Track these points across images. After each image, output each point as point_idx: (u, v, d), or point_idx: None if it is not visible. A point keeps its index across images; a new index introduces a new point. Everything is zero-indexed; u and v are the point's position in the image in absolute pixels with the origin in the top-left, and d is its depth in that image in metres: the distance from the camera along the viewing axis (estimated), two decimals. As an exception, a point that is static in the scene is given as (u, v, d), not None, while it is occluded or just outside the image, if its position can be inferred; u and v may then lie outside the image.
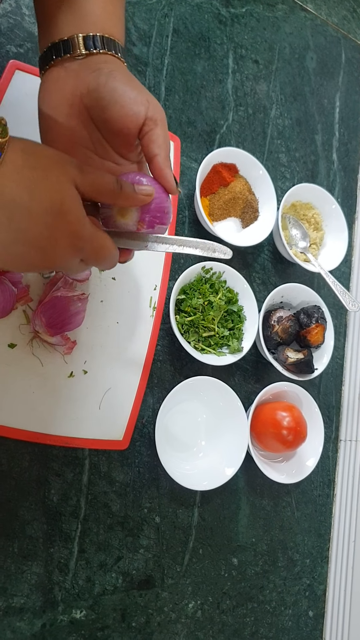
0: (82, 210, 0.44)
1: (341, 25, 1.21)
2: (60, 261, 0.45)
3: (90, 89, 0.48)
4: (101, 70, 0.48)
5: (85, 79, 0.48)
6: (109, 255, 0.49)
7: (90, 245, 0.46)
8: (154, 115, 0.48)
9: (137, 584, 0.77)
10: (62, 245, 0.44)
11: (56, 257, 0.44)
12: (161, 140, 0.49)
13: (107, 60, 0.49)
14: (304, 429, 0.85)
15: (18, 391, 0.68)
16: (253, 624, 0.88)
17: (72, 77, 0.49)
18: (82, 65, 0.49)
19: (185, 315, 0.83)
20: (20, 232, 0.41)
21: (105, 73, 0.48)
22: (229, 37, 1.01)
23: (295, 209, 1.01)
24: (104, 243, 0.47)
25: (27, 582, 0.69)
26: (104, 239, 0.48)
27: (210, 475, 0.81)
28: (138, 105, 0.48)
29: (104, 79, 0.47)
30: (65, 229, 0.43)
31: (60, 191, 0.42)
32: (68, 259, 0.45)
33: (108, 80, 0.47)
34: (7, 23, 0.77)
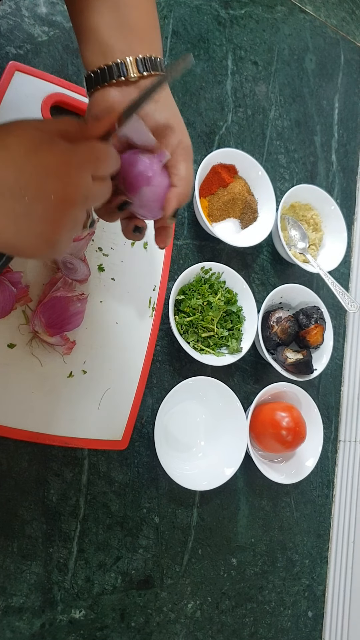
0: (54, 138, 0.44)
1: (340, 26, 1.21)
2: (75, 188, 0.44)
3: (140, 115, 0.52)
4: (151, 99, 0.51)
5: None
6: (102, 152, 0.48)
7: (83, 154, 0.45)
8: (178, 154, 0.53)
9: (136, 584, 0.77)
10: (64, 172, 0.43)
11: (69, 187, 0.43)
12: (183, 174, 0.54)
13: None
14: (303, 430, 0.85)
15: (17, 391, 0.68)
16: (252, 625, 0.88)
17: (127, 99, 0.51)
18: (137, 89, 0.52)
19: (184, 315, 0.83)
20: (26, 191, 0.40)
21: (154, 102, 0.52)
22: (228, 38, 1.01)
23: (294, 210, 1.01)
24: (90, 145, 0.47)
25: (26, 581, 0.69)
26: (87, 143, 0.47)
27: (209, 476, 0.81)
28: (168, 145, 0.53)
29: (152, 110, 0.52)
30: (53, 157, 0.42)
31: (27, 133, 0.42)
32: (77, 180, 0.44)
33: (155, 113, 0.53)
34: (7, 24, 0.77)
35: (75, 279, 0.73)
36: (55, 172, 0.42)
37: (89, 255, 0.76)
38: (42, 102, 0.75)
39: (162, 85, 0.51)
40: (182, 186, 0.54)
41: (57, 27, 0.81)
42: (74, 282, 0.73)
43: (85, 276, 0.74)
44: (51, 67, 0.80)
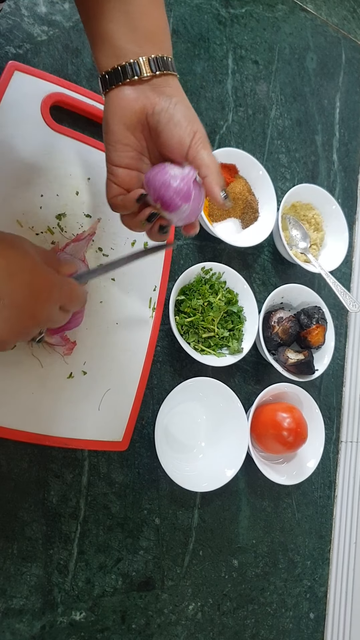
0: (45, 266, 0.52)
1: (341, 25, 1.21)
2: (45, 313, 0.52)
3: (156, 111, 0.54)
4: (165, 95, 0.55)
5: (153, 100, 0.55)
6: (78, 294, 0.58)
7: (63, 289, 0.55)
8: (196, 144, 0.54)
9: (137, 585, 0.77)
10: (43, 298, 0.51)
11: (41, 311, 0.51)
12: (207, 161, 0.55)
13: (169, 83, 0.55)
14: (305, 430, 0.85)
15: (18, 392, 0.68)
16: (254, 626, 0.88)
17: (142, 97, 0.55)
18: (150, 86, 0.55)
19: (184, 316, 0.83)
20: (6, 297, 0.47)
21: (168, 98, 0.54)
22: (228, 37, 1.01)
23: (295, 210, 1.01)
24: (72, 285, 0.57)
25: (26, 583, 0.69)
26: (70, 282, 0.58)
27: (210, 477, 0.81)
28: (185, 137, 0.54)
29: (167, 104, 0.54)
30: (41, 282, 0.50)
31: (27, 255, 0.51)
32: (51, 308, 0.53)
33: (169, 108, 0.54)
34: (7, 24, 0.77)
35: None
36: (39, 295, 0.50)
37: (89, 255, 0.76)
38: (41, 101, 0.75)
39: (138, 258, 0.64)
40: (212, 173, 0.55)
41: (57, 27, 0.81)
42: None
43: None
44: (51, 67, 0.80)
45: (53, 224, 0.73)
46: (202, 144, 0.54)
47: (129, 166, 0.57)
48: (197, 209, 0.57)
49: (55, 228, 0.74)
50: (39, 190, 0.73)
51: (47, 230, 0.73)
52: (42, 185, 0.73)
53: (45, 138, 0.75)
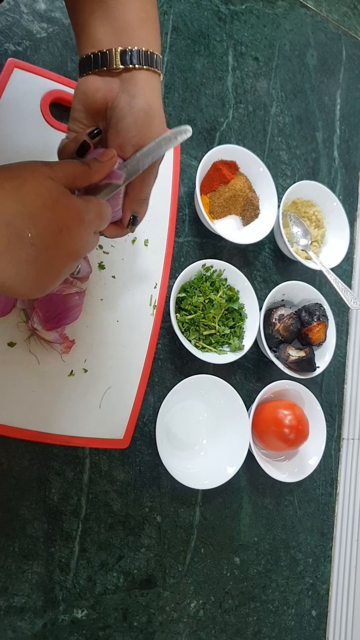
0: (68, 192, 0.48)
1: (342, 21, 1.20)
2: (82, 243, 0.48)
3: (112, 106, 0.54)
4: (127, 92, 0.53)
5: (114, 94, 0.54)
6: (106, 212, 0.54)
7: (93, 213, 0.50)
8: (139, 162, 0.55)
9: (139, 583, 0.77)
10: (76, 229, 0.47)
11: (77, 242, 0.47)
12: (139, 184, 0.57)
13: (139, 80, 0.53)
14: (306, 428, 0.85)
15: (18, 390, 0.68)
16: (255, 624, 0.87)
17: (105, 88, 0.54)
18: (120, 80, 0.54)
19: (185, 313, 0.83)
20: (36, 240, 0.43)
21: (128, 97, 0.53)
22: (228, 34, 1.00)
23: (296, 207, 1.00)
24: (98, 204, 0.52)
25: (28, 581, 0.69)
26: (96, 201, 0.52)
27: (211, 474, 0.81)
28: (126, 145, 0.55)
29: (124, 102, 0.53)
30: (69, 214, 0.46)
31: (44, 185, 0.45)
32: (87, 237, 0.49)
33: (123, 108, 0.53)
34: (6, 21, 0.77)
35: (75, 276, 0.72)
36: (68, 228, 0.46)
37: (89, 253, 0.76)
38: (41, 99, 0.75)
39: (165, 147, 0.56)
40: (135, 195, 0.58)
41: (56, 24, 0.81)
42: (75, 279, 0.72)
43: (86, 273, 0.74)
44: (50, 64, 0.79)
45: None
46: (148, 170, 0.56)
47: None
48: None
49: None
50: (38, 188, 0.73)
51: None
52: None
53: (45, 135, 0.75)
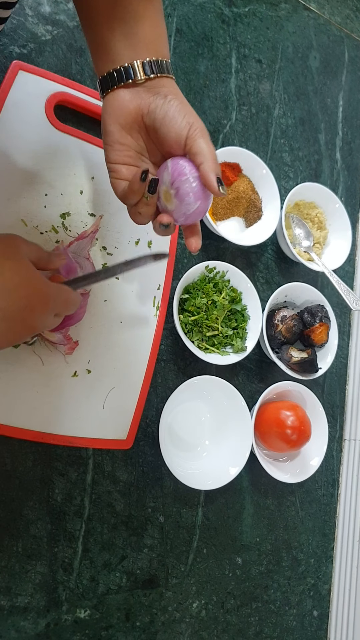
0: (40, 274, 0.52)
1: (344, 24, 1.21)
2: (40, 322, 0.53)
3: (150, 110, 0.56)
4: (159, 94, 0.56)
5: (147, 100, 0.56)
6: (73, 301, 0.59)
7: (59, 299, 0.55)
8: (193, 134, 0.55)
9: (142, 583, 0.77)
10: (39, 310, 0.51)
11: (36, 321, 0.52)
12: (204, 150, 0.55)
13: (164, 84, 0.57)
14: (308, 429, 0.85)
15: (22, 391, 0.68)
16: (257, 624, 0.88)
17: (137, 98, 0.56)
18: (144, 88, 0.56)
19: (188, 314, 0.83)
20: (4, 310, 0.48)
21: (162, 97, 0.56)
22: (232, 36, 1.01)
23: (298, 208, 1.01)
24: (67, 294, 0.57)
25: (31, 581, 0.69)
26: (66, 290, 0.57)
27: (214, 475, 0.81)
28: (181, 129, 0.55)
29: (161, 101, 0.55)
30: (37, 295, 0.51)
31: (22, 265, 0.50)
32: (45, 318, 0.54)
33: (164, 105, 0.55)
34: (11, 24, 0.77)
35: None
36: (32, 307, 0.50)
37: (93, 254, 0.76)
38: (45, 101, 0.75)
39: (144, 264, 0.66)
40: (207, 160, 0.55)
41: (61, 26, 0.81)
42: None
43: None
44: (55, 66, 0.80)
45: (57, 223, 0.74)
46: (199, 133, 0.55)
47: (128, 163, 0.58)
48: (202, 209, 0.58)
49: (60, 227, 0.74)
50: (43, 190, 0.73)
51: (52, 229, 0.73)
52: (46, 185, 0.74)
53: (50, 137, 0.75)
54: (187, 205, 0.56)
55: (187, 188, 0.56)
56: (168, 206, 0.57)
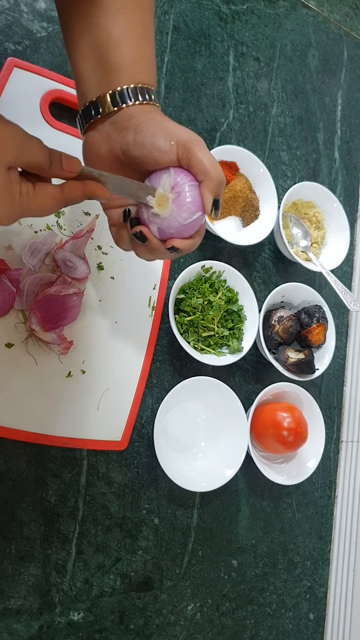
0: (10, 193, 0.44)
1: (343, 22, 1.20)
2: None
3: (123, 149, 0.51)
4: (128, 129, 0.50)
5: (117, 140, 0.51)
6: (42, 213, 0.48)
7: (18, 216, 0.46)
8: (184, 152, 0.49)
9: (136, 585, 0.77)
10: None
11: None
12: (204, 167, 0.49)
13: (135, 114, 0.51)
14: (305, 430, 0.84)
15: (16, 391, 0.68)
16: (253, 627, 0.87)
17: (105, 140, 0.52)
18: (112, 126, 0.51)
19: (184, 314, 0.83)
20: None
21: (132, 131, 0.50)
22: (229, 34, 1.00)
23: (296, 208, 1.00)
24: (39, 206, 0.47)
25: (24, 583, 0.68)
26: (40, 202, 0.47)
27: (209, 477, 0.80)
28: (167, 154, 0.50)
29: (132, 137, 0.50)
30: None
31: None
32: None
33: (135, 138, 0.50)
34: (5, 20, 0.76)
35: (74, 277, 0.72)
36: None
37: (88, 253, 0.75)
38: (40, 98, 0.74)
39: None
40: (210, 177, 0.50)
41: (56, 23, 0.80)
42: (74, 281, 0.72)
43: (85, 274, 0.74)
44: (50, 63, 0.79)
45: (52, 222, 0.73)
46: (192, 148, 0.49)
47: (121, 206, 0.55)
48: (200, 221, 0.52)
49: (54, 226, 0.73)
50: (37, 188, 0.72)
51: (46, 228, 0.72)
52: (40, 183, 0.73)
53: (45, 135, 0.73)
54: (186, 212, 0.50)
55: (192, 195, 0.50)
56: (160, 213, 0.51)
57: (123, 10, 0.51)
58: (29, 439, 0.68)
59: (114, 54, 0.51)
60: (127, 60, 0.51)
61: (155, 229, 0.52)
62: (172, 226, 0.51)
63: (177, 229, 0.51)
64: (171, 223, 0.51)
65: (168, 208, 0.50)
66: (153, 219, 0.51)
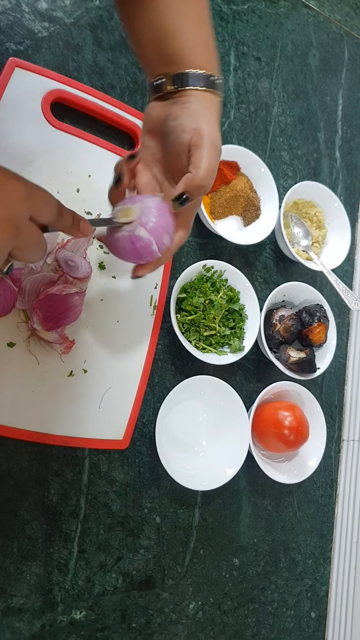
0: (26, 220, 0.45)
1: (344, 22, 1.20)
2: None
3: (166, 117, 0.57)
4: (177, 104, 0.56)
5: (169, 110, 0.57)
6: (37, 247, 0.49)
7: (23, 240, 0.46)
8: (197, 141, 0.54)
9: (138, 584, 0.77)
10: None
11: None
12: (200, 163, 0.54)
13: (190, 95, 0.56)
14: (306, 429, 0.84)
15: (18, 390, 0.68)
16: (254, 625, 0.87)
17: (162, 108, 0.58)
18: (171, 101, 0.57)
19: (186, 314, 0.83)
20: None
21: (178, 106, 0.56)
22: (230, 34, 1.00)
23: (297, 207, 1.00)
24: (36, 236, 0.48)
25: (26, 582, 0.68)
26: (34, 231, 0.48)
27: (211, 475, 0.81)
28: (185, 133, 0.55)
29: (175, 110, 0.56)
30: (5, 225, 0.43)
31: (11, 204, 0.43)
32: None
33: (177, 113, 0.55)
34: (7, 20, 0.77)
35: (76, 276, 0.72)
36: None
37: (90, 253, 0.76)
38: (42, 98, 0.74)
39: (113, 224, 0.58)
40: (195, 174, 0.54)
41: (58, 23, 0.80)
42: (75, 280, 0.72)
43: (86, 274, 0.74)
44: (52, 63, 0.79)
45: (53, 221, 0.73)
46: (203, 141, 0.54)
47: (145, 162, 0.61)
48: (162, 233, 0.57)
49: (56, 225, 0.73)
50: (39, 188, 0.72)
51: (48, 227, 0.72)
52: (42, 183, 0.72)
53: (46, 135, 0.75)
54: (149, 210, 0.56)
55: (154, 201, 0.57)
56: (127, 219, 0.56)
57: (175, 1, 0.55)
58: (31, 438, 0.68)
59: (172, 44, 0.55)
60: (184, 48, 0.56)
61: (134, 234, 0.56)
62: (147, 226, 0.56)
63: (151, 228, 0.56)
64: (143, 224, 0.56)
65: (133, 213, 0.56)
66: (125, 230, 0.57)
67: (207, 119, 0.55)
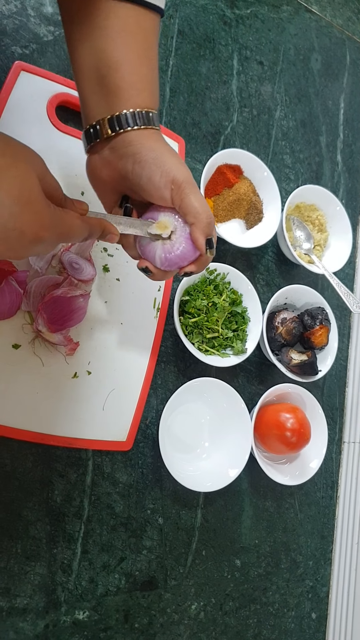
0: (46, 200, 0.45)
1: (346, 26, 1.21)
2: (24, 251, 0.45)
3: (122, 176, 0.54)
4: (127, 157, 0.52)
5: (116, 167, 0.54)
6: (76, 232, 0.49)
7: (57, 230, 0.46)
8: (178, 193, 0.52)
9: (140, 585, 0.77)
10: (27, 237, 0.43)
11: (19, 248, 0.44)
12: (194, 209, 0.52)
13: (133, 140, 0.52)
14: (308, 431, 0.85)
15: (22, 392, 0.68)
16: (256, 626, 0.88)
17: (105, 166, 0.54)
18: (111, 151, 0.54)
19: (189, 316, 0.83)
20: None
21: (130, 160, 0.52)
22: (233, 38, 1.01)
23: (299, 211, 1.01)
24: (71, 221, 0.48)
25: (30, 582, 0.69)
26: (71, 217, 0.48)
27: (213, 477, 0.81)
28: (162, 190, 0.52)
29: (130, 166, 0.52)
30: (31, 220, 0.42)
31: (28, 180, 0.42)
32: (30, 249, 0.45)
33: (134, 168, 0.52)
34: (13, 24, 0.77)
35: (81, 279, 0.73)
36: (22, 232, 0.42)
37: (94, 255, 0.76)
38: (47, 101, 0.75)
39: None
40: (200, 220, 0.53)
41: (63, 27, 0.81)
42: (80, 282, 0.73)
43: (91, 276, 0.74)
44: (57, 67, 0.80)
45: (58, 224, 0.74)
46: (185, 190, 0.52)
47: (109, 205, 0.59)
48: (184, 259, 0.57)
49: (61, 228, 0.74)
50: (44, 190, 0.73)
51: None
52: (47, 185, 0.73)
53: (51, 138, 0.75)
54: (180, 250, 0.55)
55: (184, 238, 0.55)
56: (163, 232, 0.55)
57: (123, 33, 0.52)
58: (35, 439, 0.69)
59: (113, 76, 0.52)
60: (126, 82, 0.52)
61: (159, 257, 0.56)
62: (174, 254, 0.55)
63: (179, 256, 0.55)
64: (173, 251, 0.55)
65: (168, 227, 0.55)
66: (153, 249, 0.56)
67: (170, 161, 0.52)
